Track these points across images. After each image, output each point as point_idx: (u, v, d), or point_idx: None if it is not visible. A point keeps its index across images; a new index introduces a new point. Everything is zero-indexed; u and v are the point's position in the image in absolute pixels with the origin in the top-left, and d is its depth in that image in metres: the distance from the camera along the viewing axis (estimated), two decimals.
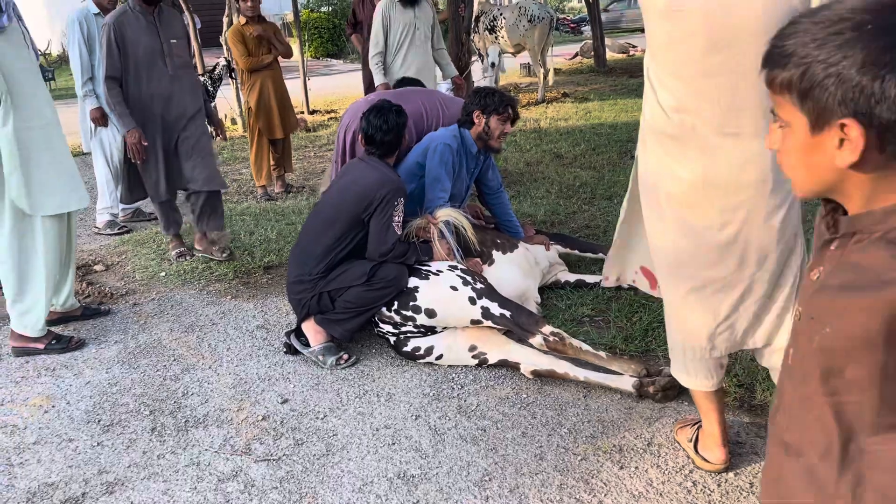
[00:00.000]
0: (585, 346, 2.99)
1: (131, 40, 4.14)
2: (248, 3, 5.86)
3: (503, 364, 3.09)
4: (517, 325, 3.06)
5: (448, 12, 6.25)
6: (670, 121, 2.07)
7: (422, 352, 3.17)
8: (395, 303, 3.17)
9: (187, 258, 4.66)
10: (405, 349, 3.20)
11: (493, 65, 8.53)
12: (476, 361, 3.12)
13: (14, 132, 3.18)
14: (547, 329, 3.03)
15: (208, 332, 3.66)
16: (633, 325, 3.40)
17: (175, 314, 3.91)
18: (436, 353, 3.15)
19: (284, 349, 3.36)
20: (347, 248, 3.19)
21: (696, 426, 2.51)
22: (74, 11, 5.07)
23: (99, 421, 2.90)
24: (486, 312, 3.09)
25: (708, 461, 2.40)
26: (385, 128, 3.30)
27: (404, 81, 4.97)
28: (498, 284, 3.34)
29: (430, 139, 3.74)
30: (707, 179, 2.04)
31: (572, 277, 3.88)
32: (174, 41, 4.29)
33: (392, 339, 3.25)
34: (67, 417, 2.94)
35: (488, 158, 3.96)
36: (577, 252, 4.12)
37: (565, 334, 3.03)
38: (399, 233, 3.18)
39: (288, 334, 3.38)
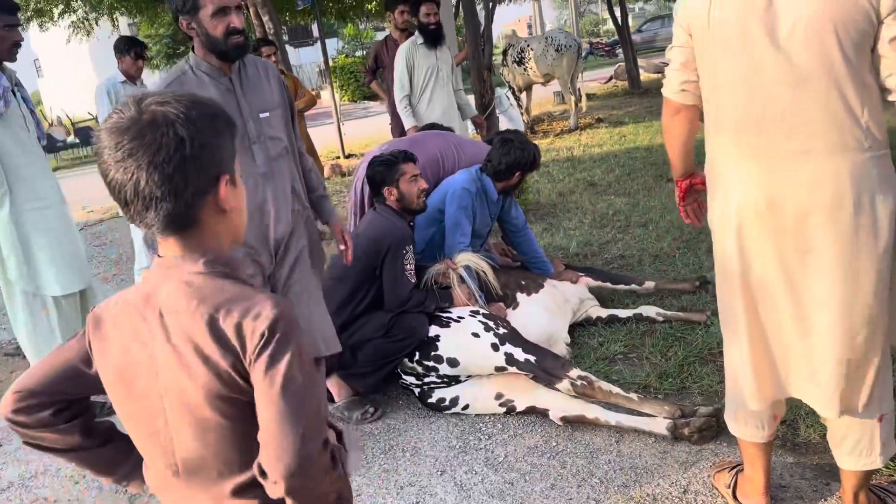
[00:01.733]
0: (615, 390, 2.87)
1: None
2: (272, 59, 5.98)
3: (531, 411, 2.98)
4: (543, 370, 2.95)
5: (468, 50, 6.26)
6: (731, 143, 1.92)
7: (447, 403, 3.08)
8: (417, 353, 3.10)
9: None
10: (430, 401, 3.12)
11: (498, 103, 8.45)
12: (504, 409, 3.02)
13: (10, 216, 3.21)
14: (574, 373, 2.91)
15: None
16: (668, 360, 3.25)
17: None
18: (461, 403, 3.06)
19: None
20: (364, 302, 3.13)
21: (734, 470, 2.36)
22: (103, 81, 5.21)
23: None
24: (509, 359, 2.99)
25: None
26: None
27: (432, 127, 4.94)
28: (524, 328, 3.23)
29: (449, 184, 3.69)
30: (771, 201, 1.85)
31: (604, 313, 3.75)
32: (265, 115, 2.57)
33: (417, 390, 3.17)
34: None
35: (509, 197, 3.89)
36: (609, 285, 3.99)
37: (593, 377, 2.91)
38: (413, 281, 3.12)
39: None
